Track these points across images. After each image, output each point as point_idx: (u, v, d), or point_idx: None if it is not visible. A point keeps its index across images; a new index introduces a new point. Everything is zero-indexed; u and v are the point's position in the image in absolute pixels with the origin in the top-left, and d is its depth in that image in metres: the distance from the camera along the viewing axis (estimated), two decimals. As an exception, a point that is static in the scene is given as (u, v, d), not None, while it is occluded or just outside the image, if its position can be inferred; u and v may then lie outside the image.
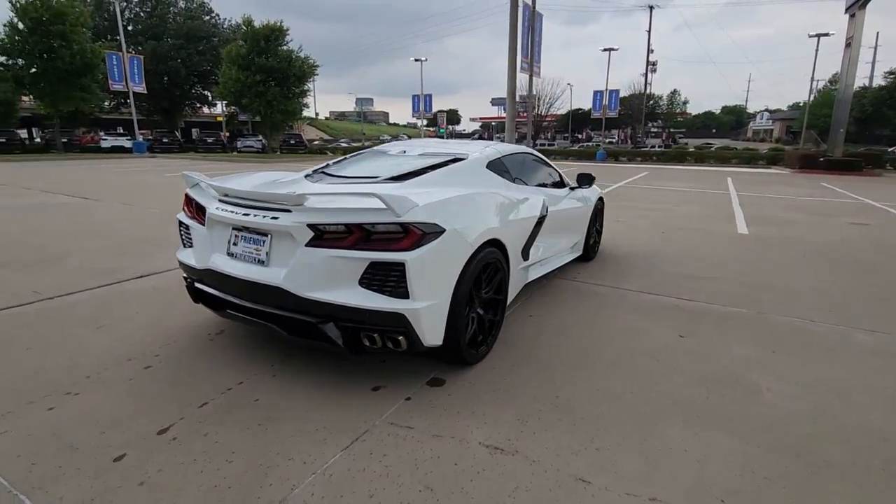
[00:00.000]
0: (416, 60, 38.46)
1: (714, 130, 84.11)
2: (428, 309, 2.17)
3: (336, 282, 2.15)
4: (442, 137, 45.07)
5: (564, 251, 4.19)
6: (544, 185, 3.90)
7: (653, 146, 42.25)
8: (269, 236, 2.29)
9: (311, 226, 2.16)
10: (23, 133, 33.13)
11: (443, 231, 2.22)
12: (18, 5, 20.75)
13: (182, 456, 1.84)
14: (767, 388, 2.44)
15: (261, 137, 31.56)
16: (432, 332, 2.24)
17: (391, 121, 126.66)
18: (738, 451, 1.94)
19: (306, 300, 2.16)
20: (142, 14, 36.74)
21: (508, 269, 2.86)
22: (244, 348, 2.76)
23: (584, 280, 4.25)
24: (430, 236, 2.17)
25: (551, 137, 64.33)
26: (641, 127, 52.06)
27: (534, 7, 13.41)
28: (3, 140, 25.50)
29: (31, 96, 23.59)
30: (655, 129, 69.46)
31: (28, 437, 1.94)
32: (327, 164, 3.44)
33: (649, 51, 46.50)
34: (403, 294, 2.12)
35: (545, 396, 2.33)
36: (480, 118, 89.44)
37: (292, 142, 33.46)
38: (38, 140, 32.61)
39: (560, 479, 1.76)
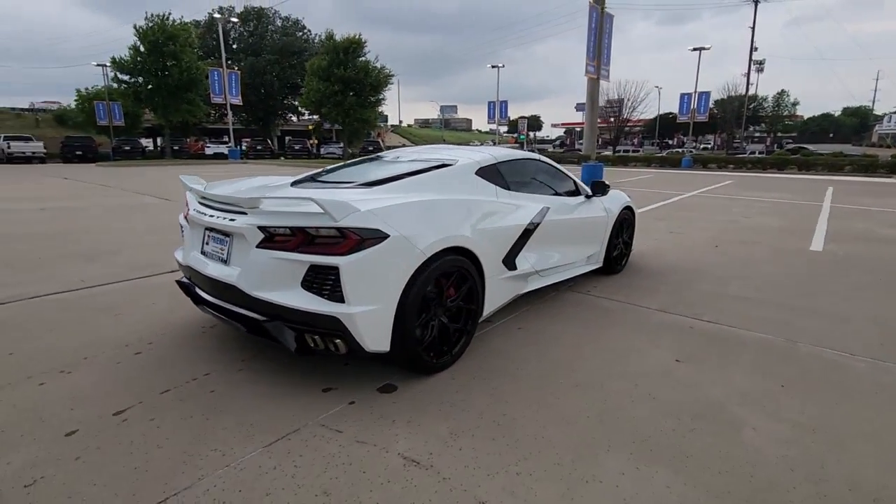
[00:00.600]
0: (493, 67, 38.50)
1: (832, 135, 75.14)
2: (366, 314, 2.17)
3: (282, 283, 2.22)
4: (521, 144, 44.62)
5: (577, 262, 3.98)
6: (550, 193, 3.74)
7: (753, 152, 38.69)
8: (231, 237, 2.42)
9: (261, 228, 2.25)
10: (147, 142, 37.87)
11: (386, 237, 2.21)
12: (141, 30, 23.94)
13: (123, 437, 2.00)
14: (753, 427, 2.14)
15: (341, 144, 33.34)
16: (374, 338, 2.23)
17: (474, 127, 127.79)
18: (676, 492, 1.72)
19: (256, 299, 2.25)
20: (245, 33, 40.46)
21: (482, 278, 2.77)
22: (227, 341, 2.93)
23: (597, 294, 3.99)
24: (370, 241, 2.17)
25: (637, 143, 61.28)
26: (739, 131, 47.92)
27: (602, 8, 12.86)
28: (128, 148, 29.48)
29: (148, 109, 27.08)
30: (759, 134, 63.55)
31: (11, 408, 2.20)
32: (323, 170, 3.56)
33: (752, 48, 42.83)
34: (339, 298, 2.14)
35: (491, 413, 2.23)
36: (563, 124, 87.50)
37: (370, 148, 34.91)
38: (159, 148, 36.95)
39: (461, 500, 1.67)
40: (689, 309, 3.67)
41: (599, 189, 4.06)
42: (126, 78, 25.31)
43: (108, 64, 24.37)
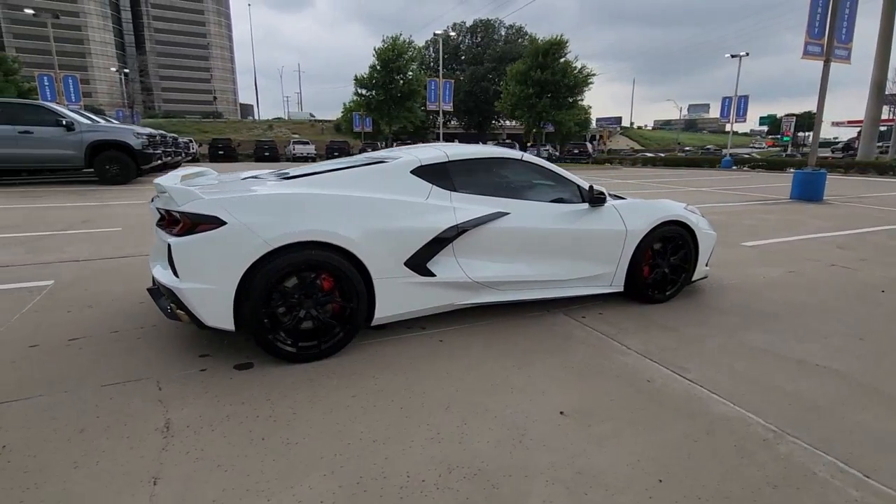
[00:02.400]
0: (733, 56, 32.71)
1: None
2: (197, 291, 2.41)
3: (161, 256, 2.63)
4: (785, 146, 36.71)
5: (571, 280, 3.39)
6: (522, 197, 3.29)
7: None
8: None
9: (158, 209, 2.71)
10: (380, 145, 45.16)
11: (223, 223, 2.41)
12: (378, 51, 28.71)
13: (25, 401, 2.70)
14: (527, 493, 1.63)
15: (548, 147, 33.41)
16: (212, 314, 2.46)
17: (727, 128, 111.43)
18: (300, 535, 1.49)
19: (154, 271, 2.72)
20: (472, 44, 44.07)
21: (365, 276, 2.70)
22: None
23: (581, 319, 3.33)
24: (204, 226, 2.40)
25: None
26: None
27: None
28: (370, 149, 35.93)
29: (374, 117, 32.39)
30: None
31: None
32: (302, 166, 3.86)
33: None
34: (175, 273, 2.43)
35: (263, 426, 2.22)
36: (848, 122, 69.06)
37: (576, 151, 34.01)
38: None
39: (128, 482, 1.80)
40: (692, 362, 2.78)
41: (597, 200, 3.35)
42: (363, 91, 30.68)
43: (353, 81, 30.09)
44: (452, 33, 38.99)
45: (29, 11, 29.96)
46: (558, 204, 3.37)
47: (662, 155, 39.67)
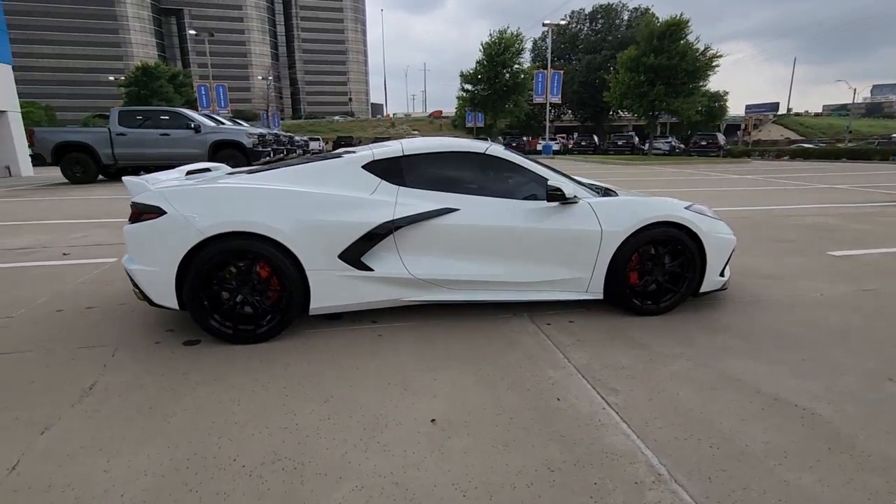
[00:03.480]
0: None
1: None
2: (143, 272, 2.74)
3: (132, 243, 3.02)
4: None
5: (536, 283, 3.15)
6: (480, 193, 3.12)
7: None
8: None
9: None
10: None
11: (163, 213, 2.69)
12: (485, 45, 28.71)
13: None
14: (302, 507, 1.61)
15: (670, 139, 30.61)
16: (158, 294, 2.77)
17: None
18: None
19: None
20: (590, 32, 41.86)
21: (297, 267, 2.81)
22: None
23: (545, 326, 3.06)
24: (147, 215, 2.71)
25: None
26: None
27: None
28: (514, 144, 36.40)
29: (481, 112, 32.46)
30: None
31: None
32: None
33: None
34: (129, 256, 2.78)
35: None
36: None
37: (703, 143, 30.55)
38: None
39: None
40: (613, 379, 2.44)
41: (555, 197, 3.02)
42: (469, 87, 30.91)
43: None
44: (562, 21, 37.49)
45: (192, 32, 35.48)
46: (521, 201, 3.13)
47: (818, 146, 34.05)
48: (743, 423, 2.08)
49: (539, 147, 35.38)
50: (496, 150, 3.26)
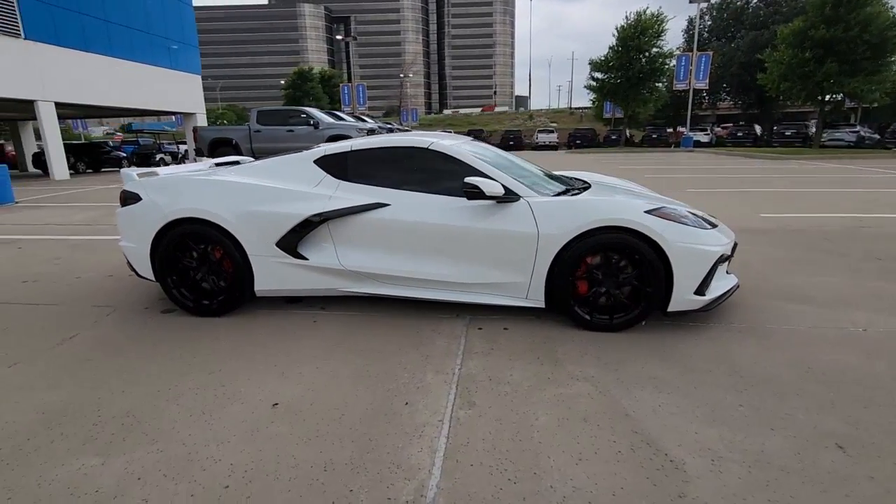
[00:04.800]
0: None
1: None
2: (130, 249, 3.31)
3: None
4: None
5: (471, 285, 3.02)
6: (421, 189, 3.08)
7: None
8: None
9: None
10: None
11: (139, 199, 3.20)
12: (619, 29, 26.51)
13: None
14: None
15: (859, 128, 25.10)
16: (139, 266, 3.33)
17: None
18: (-17, 418, 2.11)
19: None
20: (759, 3, 35.95)
21: (240, 250, 3.11)
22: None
23: (477, 331, 2.91)
24: (130, 200, 3.24)
25: None
26: None
27: None
28: (614, 137, 34.21)
29: (611, 102, 30.07)
30: None
31: None
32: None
33: None
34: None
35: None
36: None
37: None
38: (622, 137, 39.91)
39: None
40: (484, 393, 2.26)
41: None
42: (598, 75, 28.84)
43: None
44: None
45: (338, 37, 39.18)
46: (456, 198, 2.99)
47: None
48: (575, 463, 1.80)
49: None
50: (440, 145, 3.16)
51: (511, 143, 38.14)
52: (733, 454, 1.83)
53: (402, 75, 65.78)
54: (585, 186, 3.52)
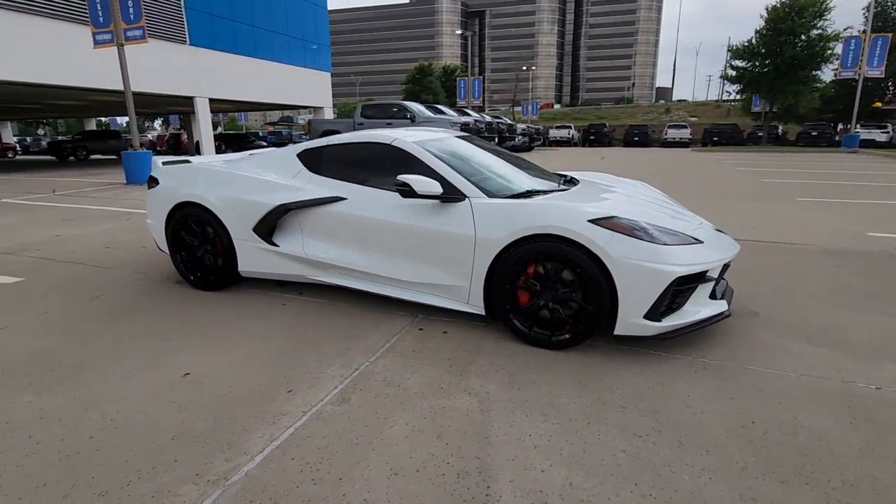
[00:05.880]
0: None
1: None
2: (152, 226, 3.86)
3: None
4: None
5: (415, 284, 2.99)
6: (371, 184, 3.10)
7: None
8: None
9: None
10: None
11: (158, 183, 3.71)
12: (769, 8, 22.77)
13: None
14: (30, 396, 2.27)
15: None
16: (160, 241, 3.85)
17: None
18: (-14, 352, 2.66)
19: None
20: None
21: (224, 233, 3.45)
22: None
23: (418, 331, 2.87)
24: (153, 184, 3.77)
25: None
26: None
27: None
28: (760, 133, 30.00)
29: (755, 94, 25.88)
30: None
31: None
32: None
33: None
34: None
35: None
36: None
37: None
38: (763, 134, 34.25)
39: None
40: (351, 394, 2.24)
41: (450, 194, 2.73)
42: (739, 63, 25.12)
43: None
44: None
45: (458, 32, 39.68)
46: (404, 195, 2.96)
47: None
48: (388, 477, 1.73)
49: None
50: (401, 142, 3.14)
51: (635, 139, 35.56)
52: (565, 502, 1.60)
53: (523, 68, 64.52)
54: (564, 190, 3.23)
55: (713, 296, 2.73)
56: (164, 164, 3.86)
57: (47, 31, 13.16)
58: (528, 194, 2.98)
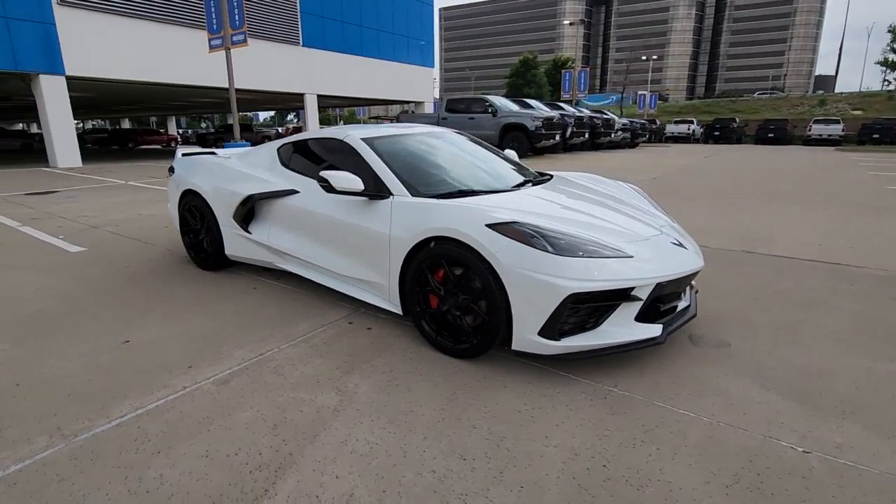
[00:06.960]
0: None
1: None
2: (170, 209, 4.35)
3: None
4: None
5: (350, 279, 3.04)
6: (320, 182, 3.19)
7: None
8: None
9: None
10: None
11: (174, 171, 4.19)
12: None
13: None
14: (6, 345, 2.75)
15: None
16: (175, 223, 4.35)
17: None
18: None
19: None
20: None
21: (213, 218, 3.79)
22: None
23: (348, 325, 2.91)
24: (171, 172, 4.26)
25: None
26: None
27: None
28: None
29: None
30: None
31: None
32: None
33: None
34: (170, 200, 4.45)
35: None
36: None
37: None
38: None
39: None
40: (249, 376, 2.35)
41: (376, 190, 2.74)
42: None
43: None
44: None
45: (566, 22, 38.02)
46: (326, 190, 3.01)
47: None
48: (198, 458, 1.82)
49: None
50: (351, 138, 3.17)
51: (770, 135, 31.24)
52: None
53: (643, 57, 59.85)
54: (512, 190, 3.02)
55: (650, 318, 2.39)
56: (183, 155, 4.36)
57: (180, 37, 15.34)
58: (461, 194, 2.85)
